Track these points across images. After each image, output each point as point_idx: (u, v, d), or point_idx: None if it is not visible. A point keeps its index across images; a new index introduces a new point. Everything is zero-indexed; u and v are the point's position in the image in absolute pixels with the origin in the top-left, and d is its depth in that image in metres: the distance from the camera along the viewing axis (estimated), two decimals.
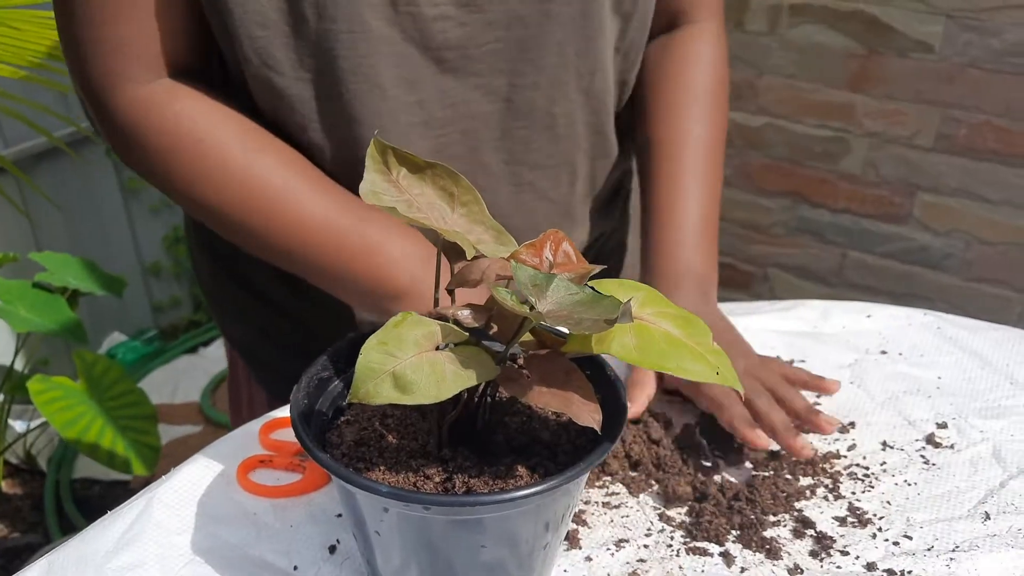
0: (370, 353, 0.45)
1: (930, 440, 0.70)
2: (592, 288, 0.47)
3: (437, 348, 0.46)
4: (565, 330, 0.48)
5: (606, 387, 0.53)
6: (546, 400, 0.47)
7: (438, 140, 0.73)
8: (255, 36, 0.65)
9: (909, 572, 0.57)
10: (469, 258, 0.50)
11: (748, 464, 0.68)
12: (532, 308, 0.45)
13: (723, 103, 0.86)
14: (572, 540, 0.60)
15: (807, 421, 0.70)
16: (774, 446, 0.69)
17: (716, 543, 0.60)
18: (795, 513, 0.63)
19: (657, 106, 0.84)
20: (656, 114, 0.84)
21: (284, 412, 0.70)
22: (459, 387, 0.45)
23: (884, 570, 0.58)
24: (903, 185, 1.79)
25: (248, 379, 0.96)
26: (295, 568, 0.57)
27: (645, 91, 0.85)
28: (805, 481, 0.66)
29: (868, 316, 0.86)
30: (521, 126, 0.76)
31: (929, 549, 0.60)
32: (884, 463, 0.68)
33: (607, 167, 0.85)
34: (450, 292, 0.51)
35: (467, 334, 0.48)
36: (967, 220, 1.75)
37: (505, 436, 0.54)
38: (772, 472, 0.67)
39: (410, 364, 0.45)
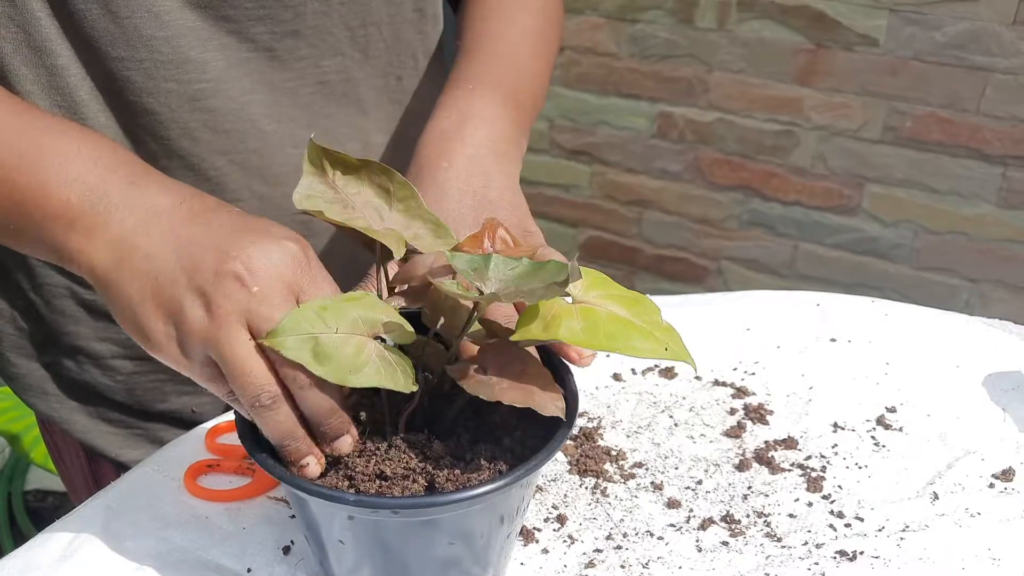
0: (306, 311, 0.45)
1: (880, 423, 0.72)
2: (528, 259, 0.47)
3: (377, 339, 0.46)
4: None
5: (554, 373, 0.53)
6: (509, 396, 0.47)
7: (195, 87, 0.66)
8: None
9: (861, 552, 0.58)
10: (397, 259, 0.49)
11: (699, 449, 0.69)
12: (481, 293, 0.45)
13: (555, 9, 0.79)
14: (528, 534, 0.60)
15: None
16: None
17: (672, 531, 0.61)
18: (749, 498, 0.64)
19: (475, 9, 0.75)
20: (473, 15, 0.75)
21: (229, 416, 0.69)
22: (368, 383, 0.45)
23: (836, 551, 0.58)
24: (851, 177, 1.81)
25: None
26: (248, 570, 0.57)
27: (463, 5, 0.79)
28: (758, 466, 0.67)
29: (817, 305, 0.87)
30: (288, 79, 0.70)
31: (880, 530, 0.61)
32: (835, 445, 0.69)
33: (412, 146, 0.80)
34: (391, 290, 0.51)
35: (414, 335, 0.48)
36: (915, 210, 1.78)
37: (450, 419, 0.53)
38: (725, 459, 0.68)
39: (336, 339, 0.44)
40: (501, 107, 0.67)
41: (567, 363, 0.54)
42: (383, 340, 0.47)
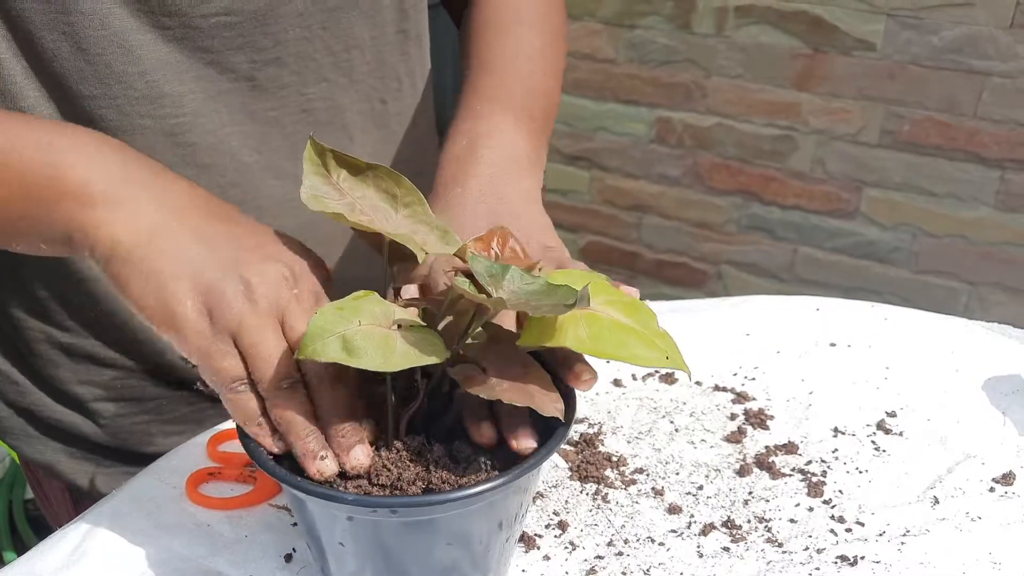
0: (325, 315, 0.45)
1: (880, 427, 0.72)
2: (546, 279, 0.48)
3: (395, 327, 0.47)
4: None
5: (552, 377, 0.53)
6: (509, 395, 0.47)
7: (172, 122, 0.65)
8: None
9: (862, 557, 0.58)
10: (421, 261, 0.50)
11: (700, 454, 0.69)
12: (490, 296, 0.45)
13: (556, 23, 0.78)
14: (529, 541, 0.60)
15: None
16: None
17: (673, 537, 0.61)
18: (750, 503, 0.64)
19: (477, 30, 0.75)
20: (476, 37, 0.74)
21: (231, 424, 0.69)
22: (407, 364, 0.45)
23: (837, 556, 0.58)
24: (850, 181, 1.82)
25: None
26: None
27: (464, 23, 0.77)
28: (759, 471, 0.67)
29: (817, 309, 0.87)
30: (270, 108, 0.69)
31: (881, 535, 0.61)
32: (836, 450, 0.69)
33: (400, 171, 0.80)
34: (396, 292, 0.51)
35: (424, 324, 0.48)
36: (913, 214, 1.78)
37: (448, 422, 0.54)
38: (726, 464, 0.68)
39: (361, 331, 0.45)
40: (513, 124, 0.66)
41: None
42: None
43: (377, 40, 0.73)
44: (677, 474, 0.67)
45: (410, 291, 0.56)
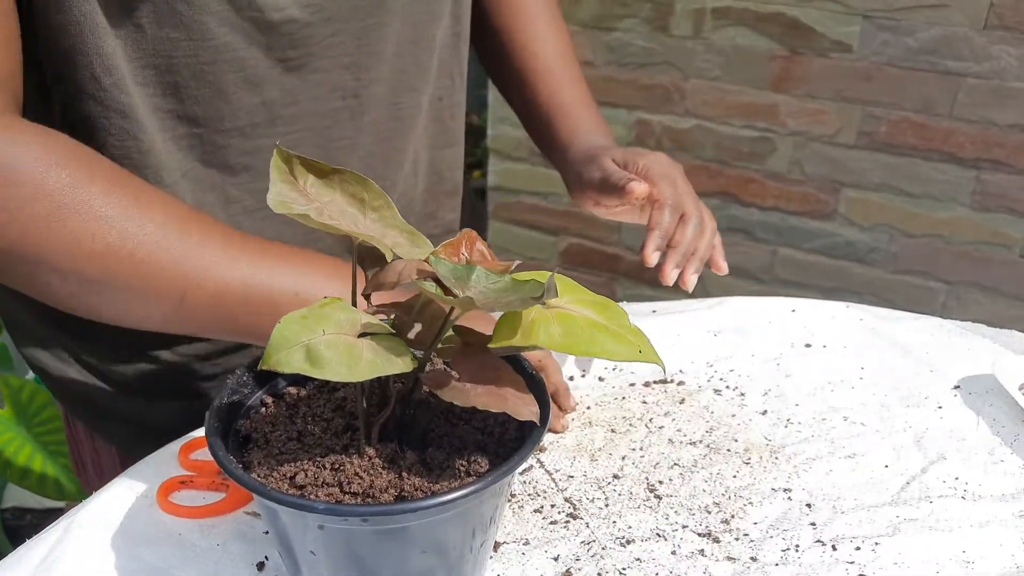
0: (289, 324, 0.44)
1: (854, 428, 0.72)
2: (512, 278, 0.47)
3: (362, 336, 0.46)
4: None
5: (527, 381, 0.53)
6: (483, 401, 0.47)
7: (285, 138, 0.71)
8: (100, 48, 0.61)
9: (836, 558, 0.58)
10: (389, 261, 0.49)
11: (675, 455, 0.69)
12: (457, 298, 0.45)
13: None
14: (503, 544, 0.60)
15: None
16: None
17: (649, 538, 0.61)
18: (724, 505, 0.64)
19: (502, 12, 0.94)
20: (504, 20, 0.94)
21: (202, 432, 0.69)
22: (373, 373, 0.44)
23: (812, 557, 0.58)
24: (827, 182, 1.82)
25: (89, 435, 0.87)
26: None
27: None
28: (734, 472, 0.67)
29: (792, 310, 0.88)
30: (369, 121, 0.76)
31: (855, 535, 0.61)
32: (811, 451, 0.69)
33: (449, 157, 0.88)
34: (367, 297, 0.51)
35: (392, 331, 0.48)
36: (890, 214, 1.79)
37: (421, 429, 0.53)
38: (700, 465, 0.68)
39: (326, 341, 0.44)
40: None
41: (538, 373, 0.54)
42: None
43: (442, 43, 0.81)
44: (652, 475, 0.67)
45: (380, 297, 0.56)
